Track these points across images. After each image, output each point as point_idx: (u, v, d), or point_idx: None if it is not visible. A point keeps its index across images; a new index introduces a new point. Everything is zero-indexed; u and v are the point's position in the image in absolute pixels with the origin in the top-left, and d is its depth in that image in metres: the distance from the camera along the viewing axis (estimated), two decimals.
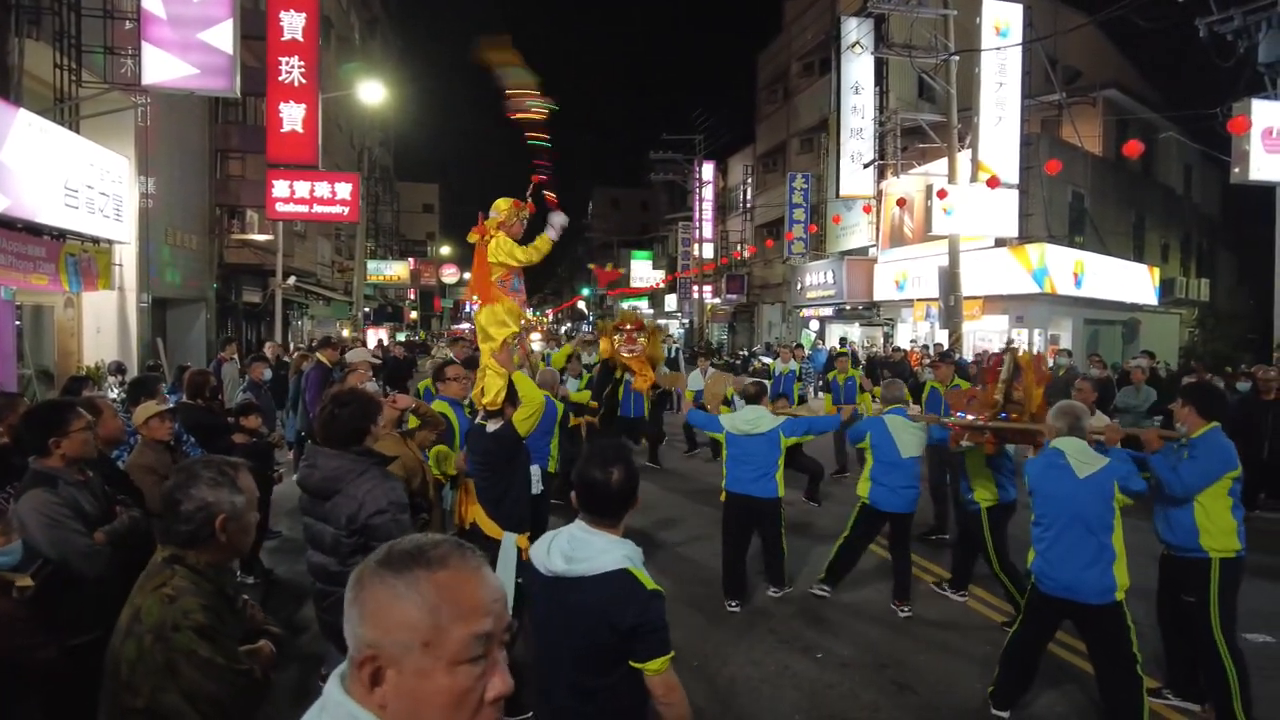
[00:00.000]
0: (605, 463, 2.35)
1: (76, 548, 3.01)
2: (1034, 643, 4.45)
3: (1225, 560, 4.22)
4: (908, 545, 6.26)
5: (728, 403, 9.78)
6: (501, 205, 4.90)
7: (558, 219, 4.96)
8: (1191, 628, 4.36)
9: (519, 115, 5.31)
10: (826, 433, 7.51)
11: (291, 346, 17.45)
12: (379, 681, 1.00)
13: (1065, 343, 19.60)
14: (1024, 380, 5.15)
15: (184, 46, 11.55)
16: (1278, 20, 12.65)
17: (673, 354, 22.86)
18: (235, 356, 11.80)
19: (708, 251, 40.63)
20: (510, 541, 4.18)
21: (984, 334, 20.45)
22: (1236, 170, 11.29)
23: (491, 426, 4.56)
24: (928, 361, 17.63)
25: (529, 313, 5.25)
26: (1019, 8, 19.00)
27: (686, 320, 44.25)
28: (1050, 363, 13.59)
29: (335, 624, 3.25)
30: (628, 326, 7.28)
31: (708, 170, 40.56)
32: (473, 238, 4.93)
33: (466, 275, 55.73)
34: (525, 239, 4.96)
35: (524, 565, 2.51)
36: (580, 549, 2.27)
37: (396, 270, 40.56)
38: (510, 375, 4.55)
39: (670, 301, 49.87)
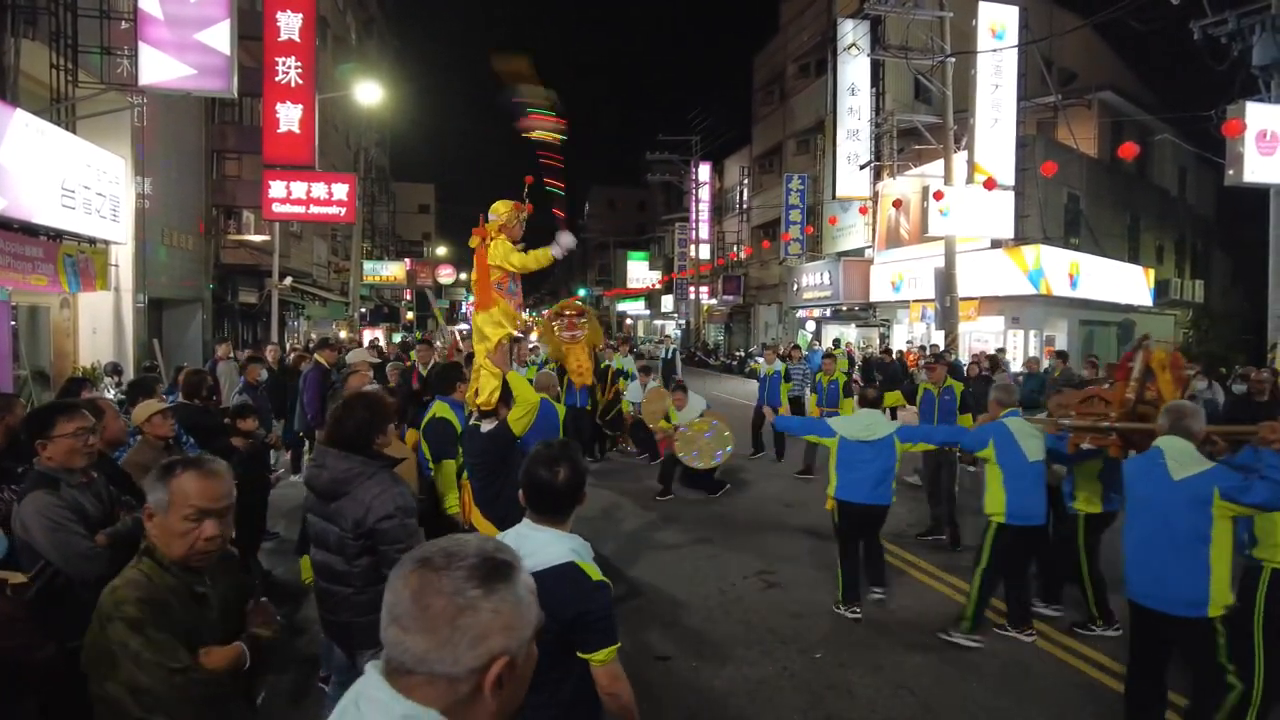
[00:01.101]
0: (552, 461, 2.39)
1: (78, 550, 3.01)
2: (1145, 667, 4.10)
3: (1276, 570, 4.01)
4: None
5: (666, 419, 9.72)
6: (500, 208, 4.87)
7: (565, 239, 4.94)
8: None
9: (532, 134, 5.25)
10: (950, 445, 7.01)
11: (288, 347, 17.41)
12: (504, 684, 1.06)
13: (1060, 344, 19.66)
14: (1158, 381, 4.88)
15: (181, 47, 11.53)
16: (1271, 23, 12.71)
17: (669, 355, 22.84)
18: (232, 355, 11.76)
19: (704, 252, 40.70)
20: None
21: (980, 335, 20.52)
22: (1231, 172, 11.34)
23: (486, 426, 4.57)
24: (922, 363, 17.67)
25: (525, 314, 5.59)
26: (1015, 10, 19.07)
27: (683, 321, 44.28)
28: (1045, 364, 13.65)
29: (337, 622, 3.32)
30: (568, 313, 7.19)
31: (704, 171, 40.62)
32: (474, 242, 4.92)
33: (463, 276, 55.83)
34: (529, 242, 4.97)
35: None
36: (525, 545, 2.26)
37: (393, 271, 40.50)
38: (505, 376, 4.54)
39: (667, 302, 49.93)
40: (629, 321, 58.99)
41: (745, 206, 39.00)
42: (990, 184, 16.81)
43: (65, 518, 3.03)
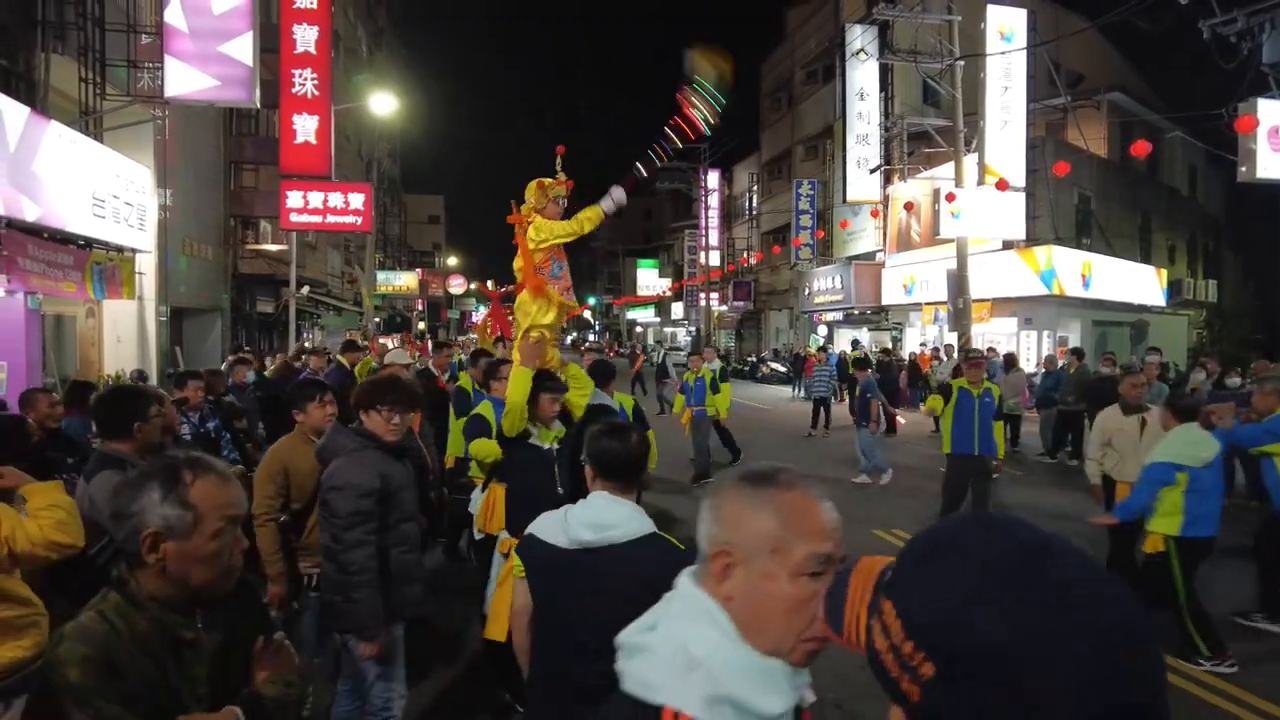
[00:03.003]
0: (618, 431, 2.42)
1: None
2: None
3: None
4: None
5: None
6: (529, 192, 4.66)
7: (617, 193, 4.71)
8: None
9: (688, 109, 4.94)
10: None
11: (306, 345, 17.54)
12: (728, 576, 1.14)
13: (1074, 344, 19.69)
14: None
15: (205, 59, 11.77)
16: None
17: (660, 358, 22.64)
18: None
19: (714, 259, 40.85)
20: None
21: (993, 336, 20.56)
22: (1243, 169, 11.42)
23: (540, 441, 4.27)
24: (938, 362, 17.78)
25: (570, 297, 4.85)
26: (1023, 12, 19.19)
27: (694, 327, 44.41)
28: (1060, 363, 13.70)
29: (330, 602, 3.24)
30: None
31: (713, 179, 40.81)
32: (516, 224, 4.70)
33: (473, 286, 56.12)
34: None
35: (525, 548, 2.41)
36: (607, 516, 2.27)
37: (405, 281, 40.86)
38: (532, 370, 4.16)
39: (677, 309, 50.10)
40: (639, 329, 59.20)
41: (755, 212, 39.15)
42: (1003, 185, 16.91)
43: None
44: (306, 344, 16.96)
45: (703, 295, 41.62)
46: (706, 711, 1.06)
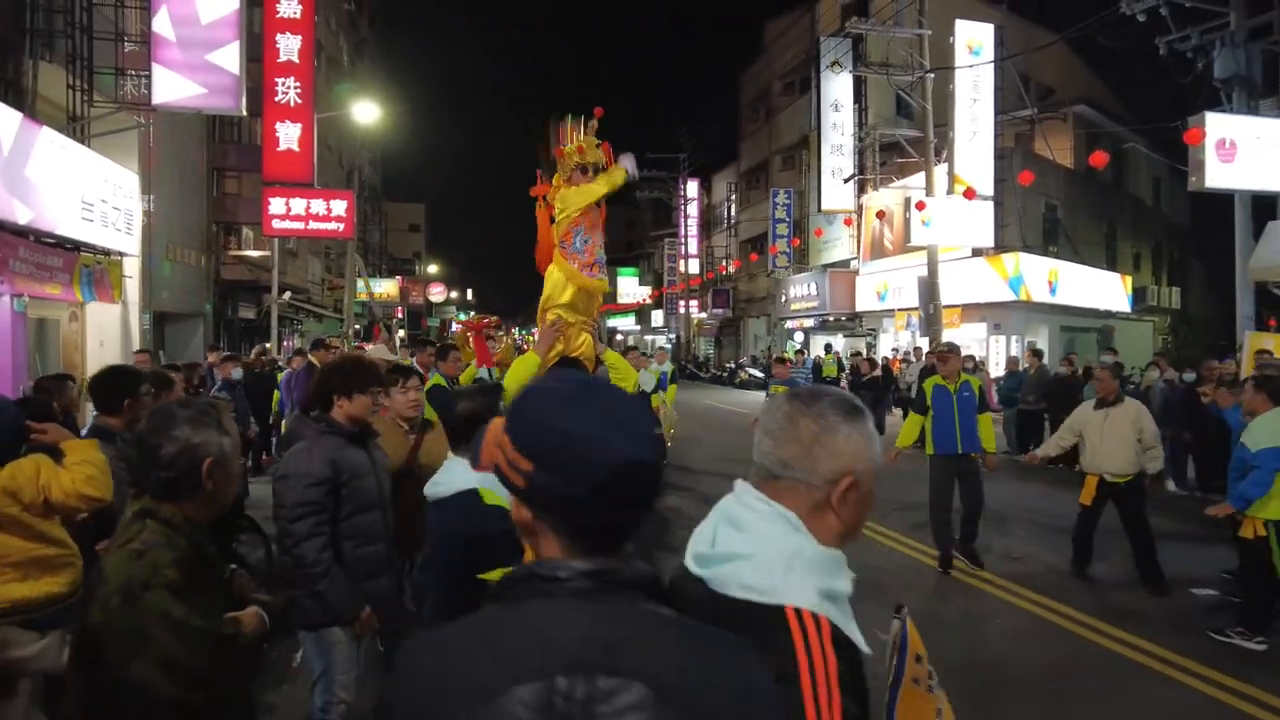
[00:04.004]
0: (463, 394, 2.56)
1: (124, 496, 3.45)
2: None
3: None
4: None
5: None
6: (561, 162, 4.33)
7: (628, 159, 4.48)
8: None
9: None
10: None
11: (266, 346, 17.50)
12: (846, 501, 1.26)
13: (1042, 349, 20.19)
14: None
15: (192, 68, 12.01)
16: (1230, 38, 13.37)
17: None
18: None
19: (693, 267, 41.28)
20: None
21: (963, 341, 21.05)
22: (1193, 179, 11.88)
23: None
24: (906, 364, 18.25)
25: (599, 273, 4.56)
26: (990, 28, 19.81)
27: (673, 335, 44.80)
28: (1022, 365, 14.23)
29: (294, 598, 3.03)
30: (487, 321, 6.96)
31: (692, 188, 41.30)
32: (536, 191, 4.42)
33: (454, 294, 56.12)
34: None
35: None
36: (441, 474, 2.55)
37: (385, 288, 40.96)
38: (541, 358, 3.95)
39: (657, 317, 50.46)
40: (619, 337, 59.46)
41: (733, 221, 39.66)
42: (970, 194, 17.44)
43: (118, 467, 3.45)
44: (266, 345, 17.12)
45: (682, 303, 42.06)
46: (820, 605, 1.17)
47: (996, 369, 18.07)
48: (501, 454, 1.03)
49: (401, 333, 49.04)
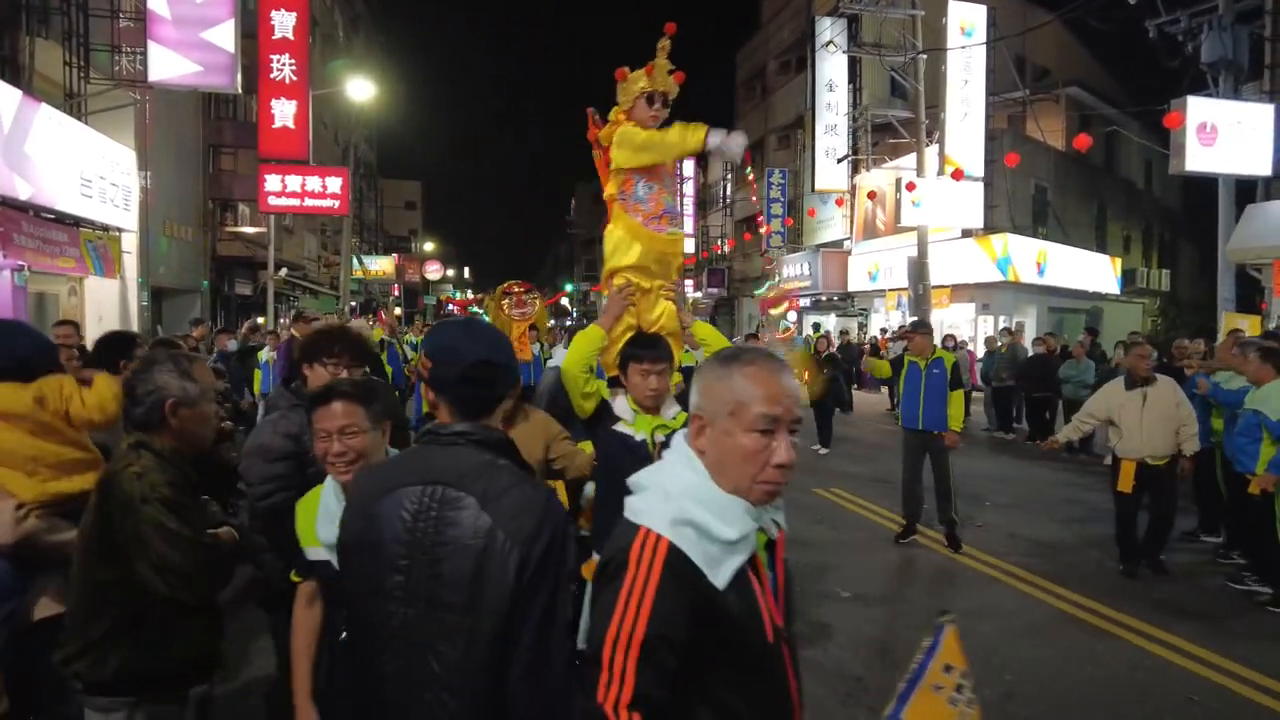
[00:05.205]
0: None
1: (118, 434, 3.69)
2: None
3: None
4: None
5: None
6: (623, 90, 3.54)
7: (736, 140, 3.38)
8: None
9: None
10: None
11: (260, 321, 17.66)
12: (700, 434, 1.42)
13: (1030, 329, 20.40)
14: None
15: (188, 45, 12.13)
16: (1218, 22, 13.50)
17: None
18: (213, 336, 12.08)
19: (689, 246, 41.38)
20: None
21: (952, 322, 21.32)
22: (1174, 162, 12.10)
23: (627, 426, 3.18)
24: (890, 337, 18.53)
25: (672, 226, 3.56)
26: (983, 9, 19.87)
27: None
28: (999, 343, 14.53)
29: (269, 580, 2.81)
30: (517, 289, 6.79)
31: (688, 167, 41.28)
32: (594, 134, 3.71)
33: (450, 272, 56.00)
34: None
35: None
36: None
37: (381, 265, 41.05)
38: (604, 330, 3.34)
39: None
40: None
41: (728, 201, 39.74)
42: (958, 175, 17.60)
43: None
44: (259, 320, 17.37)
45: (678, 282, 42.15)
46: (671, 531, 1.32)
47: (980, 347, 18.34)
48: (420, 362, 1.68)
49: (398, 310, 49.30)
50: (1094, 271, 23.24)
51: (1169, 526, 6.29)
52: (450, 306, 53.72)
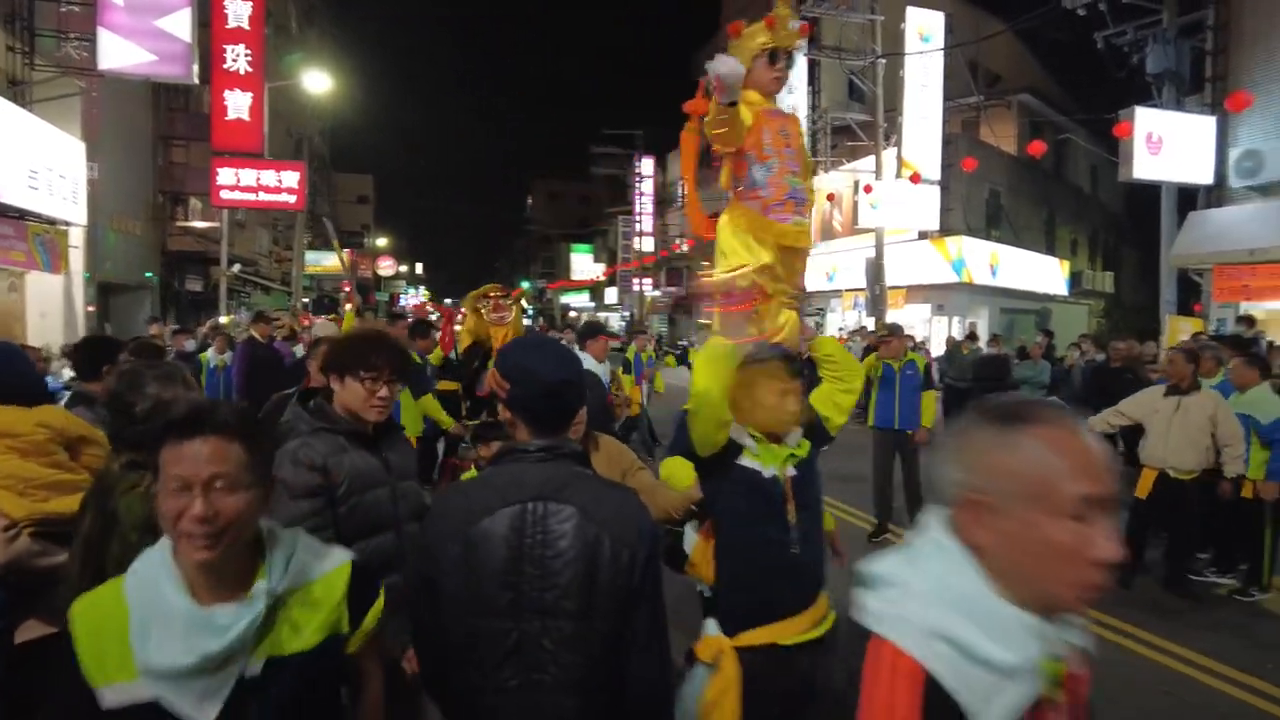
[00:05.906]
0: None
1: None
2: None
3: None
4: None
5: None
6: (740, 45, 2.80)
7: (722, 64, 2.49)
8: None
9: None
10: None
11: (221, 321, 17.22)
12: (980, 524, 1.05)
13: (983, 330, 20.86)
14: None
15: (141, 33, 11.76)
16: (1162, 35, 14.00)
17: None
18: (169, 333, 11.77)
19: (648, 245, 41.47)
20: None
21: (907, 322, 21.71)
22: (1123, 170, 12.57)
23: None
24: (861, 341, 18.82)
25: (797, 215, 2.72)
26: (940, 15, 20.27)
27: (627, 313, 45.04)
28: (967, 347, 14.86)
29: None
30: (494, 294, 6.44)
31: (647, 165, 41.37)
32: (692, 107, 2.80)
33: (403, 268, 55.00)
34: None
35: None
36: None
37: (333, 261, 40.28)
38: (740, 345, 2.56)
39: (611, 294, 50.61)
40: (572, 314, 59.50)
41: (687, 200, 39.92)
42: (915, 178, 17.94)
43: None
44: (221, 320, 16.90)
45: (636, 281, 42.26)
46: (920, 646, 1.01)
47: (939, 349, 18.73)
48: (495, 382, 1.72)
49: (349, 306, 48.45)
50: (1043, 274, 23.90)
51: (1187, 546, 5.96)
52: (405, 301, 53.01)
